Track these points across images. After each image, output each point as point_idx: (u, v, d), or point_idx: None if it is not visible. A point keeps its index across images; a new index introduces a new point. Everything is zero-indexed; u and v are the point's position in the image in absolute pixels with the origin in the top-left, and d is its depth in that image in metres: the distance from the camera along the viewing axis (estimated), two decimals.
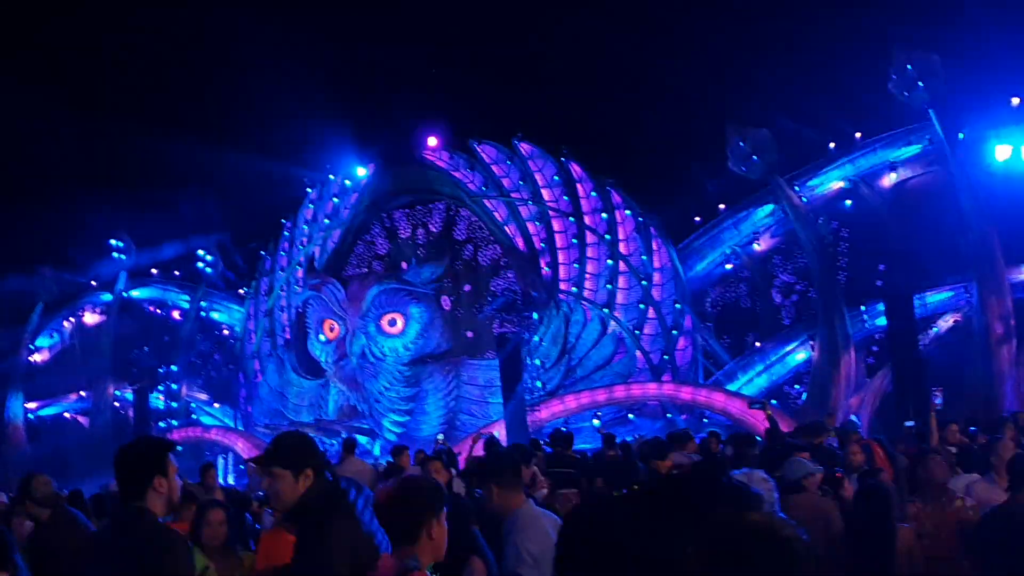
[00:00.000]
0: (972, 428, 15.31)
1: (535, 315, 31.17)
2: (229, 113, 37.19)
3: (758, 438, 16.60)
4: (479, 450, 15.51)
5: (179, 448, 32.94)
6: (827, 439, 14.27)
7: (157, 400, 36.91)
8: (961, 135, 28.51)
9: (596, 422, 28.67)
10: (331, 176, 37.20)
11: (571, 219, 32.66)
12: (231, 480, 31.21)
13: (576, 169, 32.89)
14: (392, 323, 32.20)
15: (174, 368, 38.39)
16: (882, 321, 27.72)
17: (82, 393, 40.04)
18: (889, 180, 30.75)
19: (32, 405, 39.92)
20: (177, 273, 40.48)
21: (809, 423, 15.88)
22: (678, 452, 12.25)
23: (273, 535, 5.93)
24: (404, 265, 33.60)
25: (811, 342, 30.30)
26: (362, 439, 31.12)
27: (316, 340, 33.63)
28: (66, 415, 40.74)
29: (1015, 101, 27.91)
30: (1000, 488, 7.87)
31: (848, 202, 31.30)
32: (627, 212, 32.16)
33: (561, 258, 32.53)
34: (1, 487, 31.67)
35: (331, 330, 32.80)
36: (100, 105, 38.26)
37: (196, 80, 38.66)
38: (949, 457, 10.14)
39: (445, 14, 36.48)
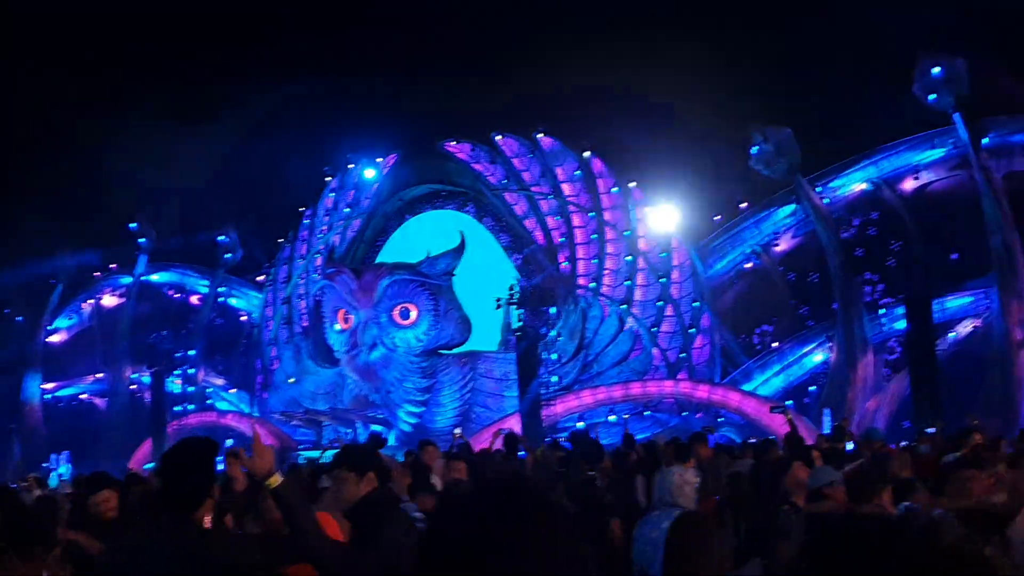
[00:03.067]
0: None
1: (553, 310, 31.16)
2: (252, 101, 37.23)
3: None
4: (499, 445, 15.50)
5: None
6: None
7: (174, 384, 37.06)
8: (986, 140, 28.39)
9: (613, 418, 28.69)
10: (351, 165, 37.27)
11: (591, 215, 32.63)
12: None
13: (597, 164, 32.87)
14: (404, 314, 32.10)
15: (191, 352, 38.53)
16: (901, 324, 27.66)
17: (99, 375, 40.28)
18: (912, 183, 30.66)
19: (49, 386, 40.16)
20: (197, 258, 40.61)
21: (836, 427, 15.94)
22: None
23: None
24: None
25: (829, 343, 30.27)
26: (377, 428, 31.21)
27: (331, 329, 33.68)
28: (83, 397, 40.97)
29: None
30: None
31: (870, 204, 31.25)
32: (647, 209, 32.10)
33: (580, 253, 32.53)
34: (18, 467, 32.17)
35: (345, 320, 32.80)
36: (121, 90, 38.44)
37: (219, 68, 38.69)
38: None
39: (469, 7, 36.48)
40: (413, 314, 32.06)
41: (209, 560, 3.91)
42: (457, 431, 20.90)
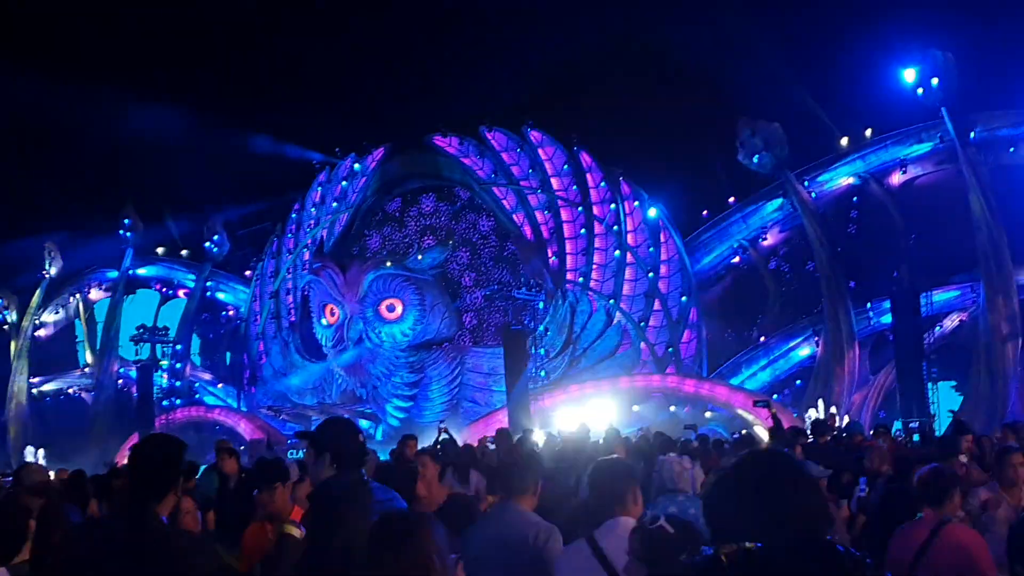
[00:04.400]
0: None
1: (541, 304, 31.11)
2: (240, 93, 37.16)
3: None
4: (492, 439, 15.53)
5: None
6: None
7: (160, 378, 36.91)
8: (973, 134, 28.43)
9: None
10: (340, 159, 37.15)
11: (580, 209, 32.60)
12: None
13: (586, 159, 32.82)
14: (391, 309, 31.97)
15: (179, 347, 38.39)
16: (888, 318, 27.71)
17: (86, 369, 40.14)
18: (899, 177, 30.69)
19: (36, 380, 40.03)
20: (184, 252, 40.49)
21: (815, 421, 15.92)
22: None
23: (257, 528, 5.94)
24: None
25: (816, 338, 30.32)
26: (364, 423, 31.15)
27: (318, 324, 33.57)
28: (70, 391, 40.83)
29: None
30: (1004, 500, 7.78)
31: (856, 198, 31.32)
32: (636, 203, 32.10)
33: (569, 248, 32.49)
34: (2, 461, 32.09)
35: (332, 314, 32.67)
36: (111, 80, 38.27)
37: (208, 59, 38.58)
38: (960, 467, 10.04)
39: (458, 2, 36.47)
40: (398, 309, 31.91)
41: (163, 552, 3.93)
42: (442, 426, 20.83)
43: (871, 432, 16.64)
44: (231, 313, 40.31)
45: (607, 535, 4.72)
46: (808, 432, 14.99)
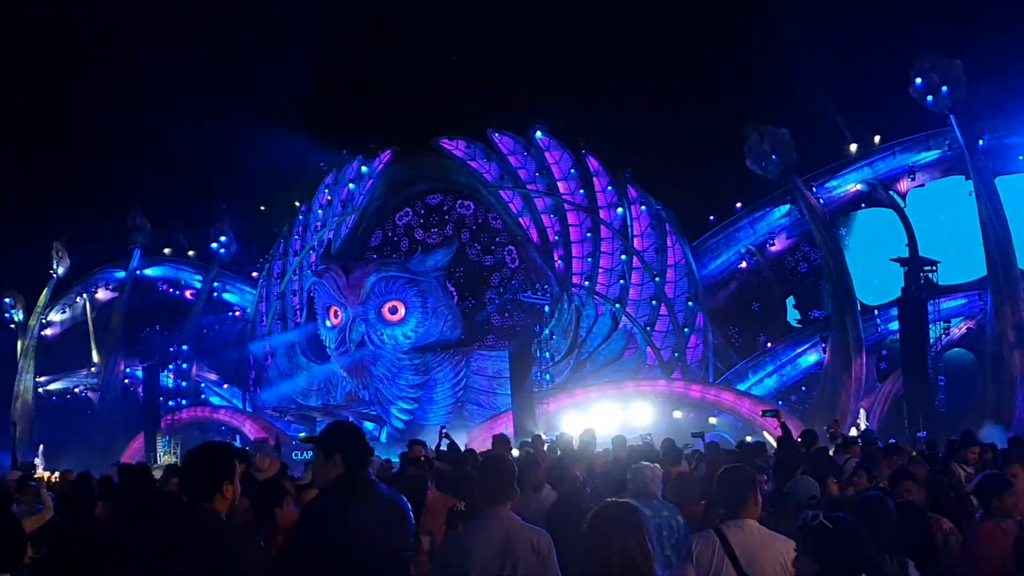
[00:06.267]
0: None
1: (547, 308, 31.06)
2: (248, 94, 37.19)
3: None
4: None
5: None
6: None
7: (167, 379, 36.91)
8: (981, 141, 28.35)
9: None
10: (347, 161, 37.14)
11: (586, 213, 32.54)
12: None
13: (593, 163, 32.73)
14: (393, 311, 31.92)
15: (185, 347, 38.37)
16: (895, 325, 27.62)
17: (92, 369, 40.20)
18: (907, 184, 30.63)
19: (42, 379, 40.11)
20: (191, 253, 40.53)
21: (805, 431, 15.53)
22: None
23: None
24: None
25: (823, 344, 30.23)
26: (369, 425, 31.16)
27: (323, 326, 33.58)
28: (76, 390, 40.91)
29: None
30: None
31: (864, 205, 31.30)
32: (643, 208, 32.05)
33: (575, 251, 32.43)
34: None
35: (335, 316, 32.65)
36: (119, 81, 38.39)
37: (215, 61, 38.63)
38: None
39: (466, 4, 36.47)
40: (400, 311, 31.84)
41: (213, 547, 4.21)
42: (443, 430, 20.80)
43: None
44: (237, 314, 40.32)
45: (735, 531, 5.27)
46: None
